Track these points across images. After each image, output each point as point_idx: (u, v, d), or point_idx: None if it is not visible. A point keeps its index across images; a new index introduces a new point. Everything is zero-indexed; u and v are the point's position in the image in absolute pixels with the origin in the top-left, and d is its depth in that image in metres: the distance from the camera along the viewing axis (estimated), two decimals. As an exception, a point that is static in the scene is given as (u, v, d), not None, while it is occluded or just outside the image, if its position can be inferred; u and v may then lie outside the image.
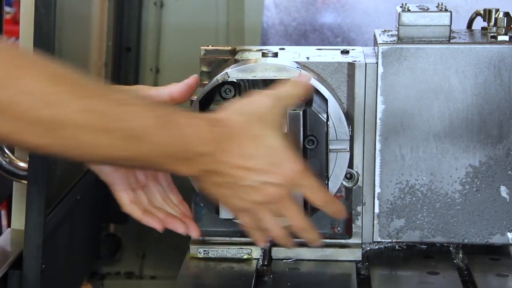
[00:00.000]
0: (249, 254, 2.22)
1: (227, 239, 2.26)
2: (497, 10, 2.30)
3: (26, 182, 2.47)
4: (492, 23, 2.29)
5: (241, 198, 1.84)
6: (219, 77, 2.16)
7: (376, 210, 2.24)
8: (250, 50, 2.35)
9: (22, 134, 1.56)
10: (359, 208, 2.26)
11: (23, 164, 2.56)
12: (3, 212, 4.38)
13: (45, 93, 1.54)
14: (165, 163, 1.76)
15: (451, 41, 2.21)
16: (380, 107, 2.20)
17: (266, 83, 2.16)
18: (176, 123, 1.75)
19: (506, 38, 2.20)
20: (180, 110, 1.81)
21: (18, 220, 2.65)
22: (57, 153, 1.64)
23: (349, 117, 2.21)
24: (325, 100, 2.14)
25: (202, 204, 2.24)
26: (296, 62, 2.21)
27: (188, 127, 1.76)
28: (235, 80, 2.15)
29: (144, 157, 1.72)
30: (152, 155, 1.72)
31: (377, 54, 2.21)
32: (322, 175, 2.11)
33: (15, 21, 5.97)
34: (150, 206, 2.09)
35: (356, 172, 2.25)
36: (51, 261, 2.62)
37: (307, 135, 2.09)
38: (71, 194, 2.87)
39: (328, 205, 1.96)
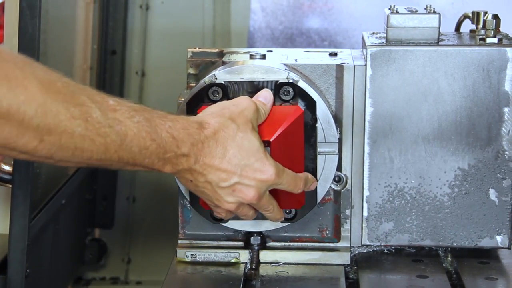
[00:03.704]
0: (237, 258, 2.21)
1: (214, 242, 2.24)
2: (485, 13, 2.29)
3: (10, 185, 2.45)
4: (481, 25, 2.29)
5: (217, 198, 1.98)
6: (206, 79, 2.14)
7: (365, 214, 2.23)
8: (237, 52, 2.33)
9: (16, 140, 1.62)
10: (347, 212, 2.25)
11: (7, 168, 2.53)
12: (-13, 217, 4.33)
13: (40, 102, 1.62)
14: (145, 163, 1.85)
15: (440, 43, 2.20)
16: (369, 110, 2.19)
17: (254, 85, 2.14)
18: (156, 126, 1.84)
19: (495, 40, 2.20)
20: (163, 113, 1.90)
21: (3, 224, 2.62)
22: (42, 157, 1.70)
23: (338, 120, 2.20)
24: (313, 102, 2.12)
25: (189, 207, 2.22)
26: (284, 64, 2.20)
27: (169, 129, 1.86)
28: (222, 82, 2.13)
29: (123, 159, 1.80)
30: (131, 157, 1.81)
31: (366, 56, 2.20)
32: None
33: (-1, 25, 5.92)
34: None
35: (345, 175, 2.23)
36: (36, 266, 2.60)
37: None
38: (56, 198, 2.84)
39: (306, 188, 2.12)
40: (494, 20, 2.25)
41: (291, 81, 2.13)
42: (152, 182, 3.51)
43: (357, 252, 2.27)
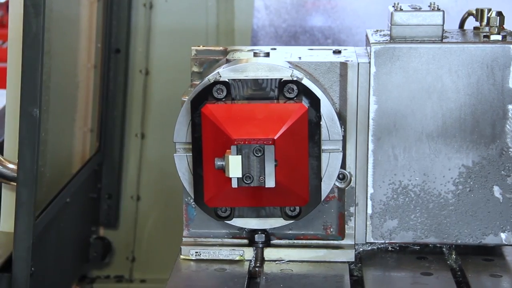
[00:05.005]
0: (241, 256, 2.21)
1: (219, 240, 2.24)
2: (489, 10, 2.29)
3: (15, 184, 2.45)
4: (485, 22, 2.28)
5: None
6: (210, 77, 2.14)
7: (369, 211, 2.23)
8: (241, 50, 2.33)
9: None
10: (352, 209, 2.25)
11: (12, 166, 2.54)
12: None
13: None
14: None
15: (444, 40, 2.20)
16: (373, 107, 2.19)
17: (257, 83, 2.14)
18: None
19: (499, 37, 2.19)
20: None
21: (8, 223, 2.62)
22: None
23: (342, 117, 2.20)
24: (317, 100, 2.12)
25: (194, 205, 2.22)
26: (288, 62, 2.20)
27: None
28: (227, 80, 2.13)
29: None
30: None
31: (370, 54, 2.20)
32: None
33: (2, 24, 5.95)
34: None
35: (349, 172, 2.23)
36: (41, 264, 2.60)
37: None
38: (61, 196, 2.85)
39: None
40: (498, 17, 2.25)
41: (295, 79, 2.13)
42: (157, 180, 3.51)
43: (361, 249, 2.27)
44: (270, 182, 2.04)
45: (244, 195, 2.11)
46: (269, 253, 2.22)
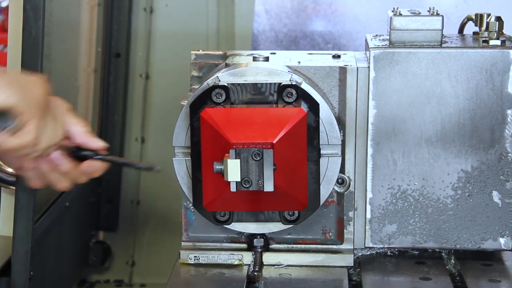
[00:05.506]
0: (240, 260, 2.20)
1: (218, 244, 2.24)
2: (488, 15, 2.29)
3: (14, 188, 2.45)
4: (484, 27, 2.28)
5: None
6: (209, 81, 2.15)
7: (368, 216, 2.23)
8: (241, 55, 2.33)
9: None
10: (350, 214, 2.24)
11: (11, 170, 2.54)
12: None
13: None
14: None
15: (443, 45, 2.20)
16: (372, 112, 2.19)
17: (257, 87, 2.14)
18: None
19: (498, 42, 2.19)
20: None
21: (6, 227, 2.62)
22: None
23: (341, 122, 2.20)
24: (316, 104, 2.12)
25: (193, 210, 2.22)
26: (288, 66, 2.20)
27: None
28: (226, 84, 2.13)
29: None
30: None
31: (369, 59, 2.20)
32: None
33: (4, 29, 5.94)
34: None
35: (348, 177, 2.23)
36: (40, 268, 2.60)
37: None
38: (60, 200, 2.85)
39: None
40: (497, 22, 2.25)
41: (294, 83, 2.13)
42: (156, 185, 3.52)
43: (360, 254, 2.27)
44: (268, 186, 2.04)
45: (243, 199, 2.11)
46: (268, 258, 2.22)
